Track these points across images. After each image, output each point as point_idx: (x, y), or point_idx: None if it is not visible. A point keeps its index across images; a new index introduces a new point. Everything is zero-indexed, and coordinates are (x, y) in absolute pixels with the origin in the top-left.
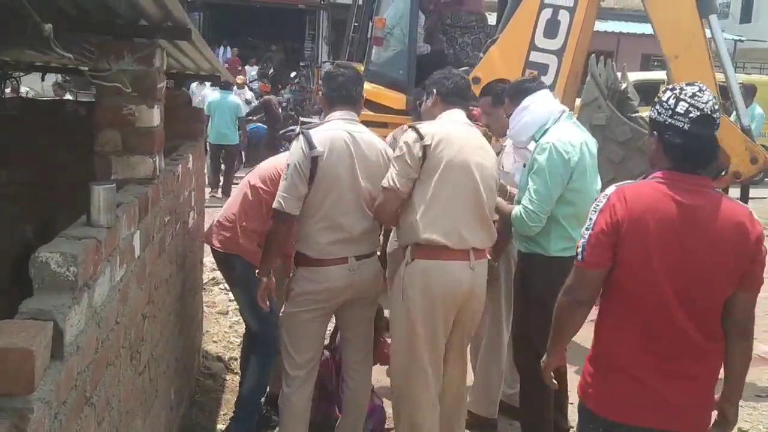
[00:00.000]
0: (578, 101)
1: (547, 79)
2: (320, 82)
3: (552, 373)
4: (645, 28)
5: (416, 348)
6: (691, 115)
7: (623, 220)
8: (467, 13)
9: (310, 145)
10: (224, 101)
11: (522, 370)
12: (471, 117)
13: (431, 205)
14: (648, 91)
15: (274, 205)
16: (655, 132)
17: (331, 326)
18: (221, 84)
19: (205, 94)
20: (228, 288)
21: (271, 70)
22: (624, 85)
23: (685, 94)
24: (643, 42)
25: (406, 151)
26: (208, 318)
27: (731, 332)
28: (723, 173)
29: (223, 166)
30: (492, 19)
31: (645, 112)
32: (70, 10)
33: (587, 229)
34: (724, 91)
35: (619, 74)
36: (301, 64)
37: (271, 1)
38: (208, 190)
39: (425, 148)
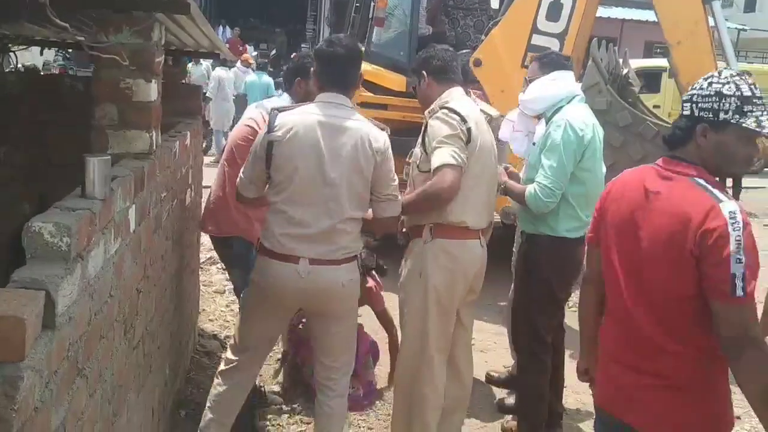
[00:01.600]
0: (579, 85)
1: None
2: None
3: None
4: (648, 15)
5: (428, 332)
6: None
7: (603, 200)
8: None
9: (270, 128)
10: (260, 81)
11: (520, 351)
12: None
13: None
14: (650, 78)
15: (237, 186)
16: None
17: None
18: (225, 62)
19: (220, 75)
20: (225, 268)
21: (273, 51)
22: (625, 71)
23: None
24: (647, 29)
25: (459, 131)
26: (205, 297)
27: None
28: None
29: None
30: (495, 2)
31: (649, 100)
32: None
33: None
34: None
35: (620, 59)
36: (302, 45)
37: None
38: None
39: (469, 131)
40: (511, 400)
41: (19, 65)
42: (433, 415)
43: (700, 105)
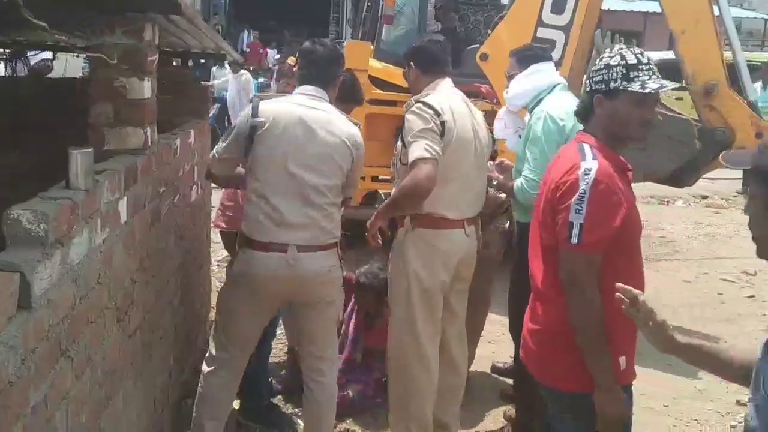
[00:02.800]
0: (558, 73)
1: (555, 55)
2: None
3: None
4: None
5: (414, 319)
6: None
7: None
8: None
9: (254, 113)
10: None
11: (515, 339)
12: (480, 95)
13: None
14: (672, 70)
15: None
16: None
17: None
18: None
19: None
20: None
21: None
22: None
23: None
24: None
25: (433, 125)
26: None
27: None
28: (728, 150)
29: None
30: None
31: (671, 92)
32: None
33: None
34: (732, 69)
35: None
36: None
37: None
38: None
39: (443, 124)
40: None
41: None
42: (428, 402)
43: (593, 78)
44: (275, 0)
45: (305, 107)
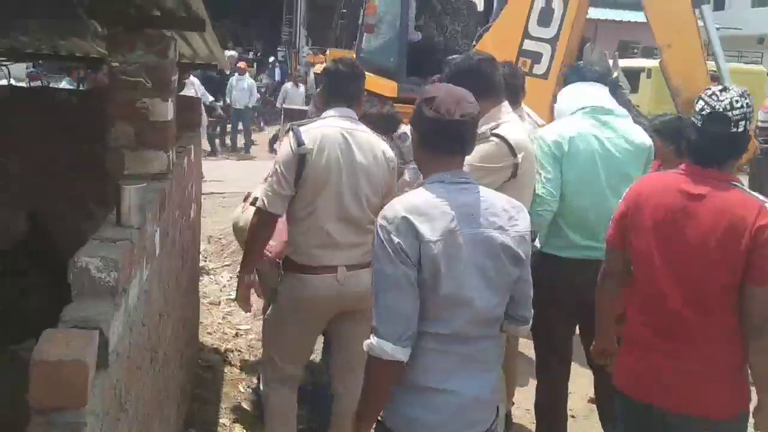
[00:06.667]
0: (590, 97)
1: (541, 68)
2: (305, 71)
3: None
4: (623, 15)
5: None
6: (704, 112)
7: (631, 206)
8: None
9: (299, 142)
10: (245, 84)
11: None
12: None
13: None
14: (628, 78)
15: (258, 203)
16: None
17: None
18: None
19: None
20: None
21: (259, 53)
22: (615, 74)
23: (707, 94)
24: (621, 29)
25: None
26: (201, 309)
27: (746, 329)
28: None
29: None
30: (479, 5)
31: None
32: None
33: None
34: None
35: (610, 62)
36: (278, 48)
37: None
38: None
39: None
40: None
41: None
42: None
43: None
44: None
45: (343, 129)
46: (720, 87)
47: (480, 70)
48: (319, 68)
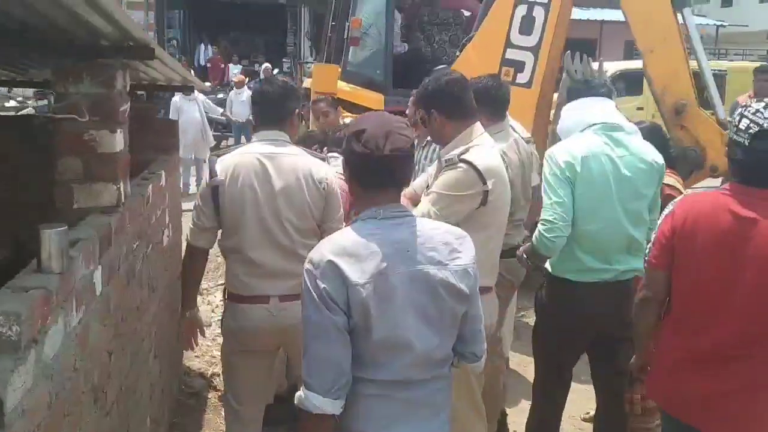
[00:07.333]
0: (555, 96)
1: (524, 76)
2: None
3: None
4: None
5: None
6: (750, 130)
7: (678, 227)
8: (444, 9)
9: (211, 173)
10: (244, 98)
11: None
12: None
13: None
14: (631, 80)
15: (186, 237)
16: (727, 147)
17: None
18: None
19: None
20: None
21: (264, 65)
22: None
23: (749, 111)
24: (626, 29)
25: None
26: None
27: None
28: (701, 170)
29: None
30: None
31: (630, 102)
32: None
33: (654, 232)
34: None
35: (596, 68)
36: (283, 60)
37: None
38: None
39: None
40: None
41: None
42: None
43: None
44: (232, 13)
45: (261, 154)
46: (761, 103)
47: (449, 91)
48: (307, 82)
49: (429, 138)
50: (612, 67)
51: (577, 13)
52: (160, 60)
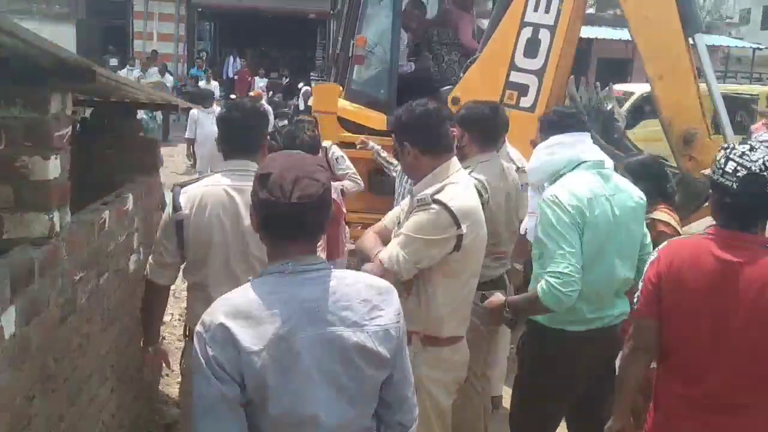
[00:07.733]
0: (589, 149)
1: (528, 100)
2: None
3: None
4: None
5: None
6: (738, 174)
7: (664, 272)
8: (454, 29)
9: (175, 206)
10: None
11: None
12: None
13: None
14: (647, 100)
15: (145, 273)
16: (710, 189)
17: None
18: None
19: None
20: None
21: (286, 79)
22: (609, 106)
23: (735, 153)
24: None
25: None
26: (173, 355)
27: None
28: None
29: None
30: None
31: (656, 126)
32: None
33: (641, 281)
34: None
35: (604, 94)
36: (311, 74)
37: (281, 10)
38: None
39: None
40: None
41: None
42: None
43: None
44: (261, 26)
45: (230, 186)
46: (746, 145)
47: (423, 123)
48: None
49: None
50: (639, 89)
51: (608, 33)
52: (107, 82)
